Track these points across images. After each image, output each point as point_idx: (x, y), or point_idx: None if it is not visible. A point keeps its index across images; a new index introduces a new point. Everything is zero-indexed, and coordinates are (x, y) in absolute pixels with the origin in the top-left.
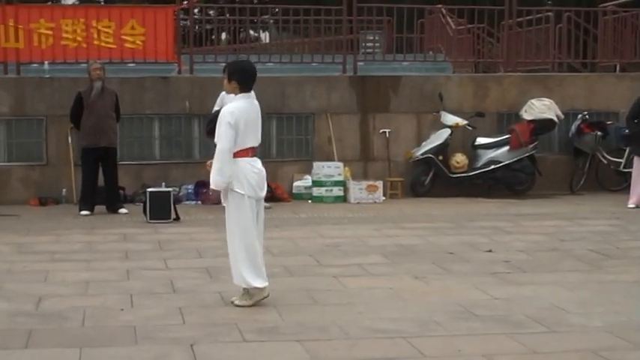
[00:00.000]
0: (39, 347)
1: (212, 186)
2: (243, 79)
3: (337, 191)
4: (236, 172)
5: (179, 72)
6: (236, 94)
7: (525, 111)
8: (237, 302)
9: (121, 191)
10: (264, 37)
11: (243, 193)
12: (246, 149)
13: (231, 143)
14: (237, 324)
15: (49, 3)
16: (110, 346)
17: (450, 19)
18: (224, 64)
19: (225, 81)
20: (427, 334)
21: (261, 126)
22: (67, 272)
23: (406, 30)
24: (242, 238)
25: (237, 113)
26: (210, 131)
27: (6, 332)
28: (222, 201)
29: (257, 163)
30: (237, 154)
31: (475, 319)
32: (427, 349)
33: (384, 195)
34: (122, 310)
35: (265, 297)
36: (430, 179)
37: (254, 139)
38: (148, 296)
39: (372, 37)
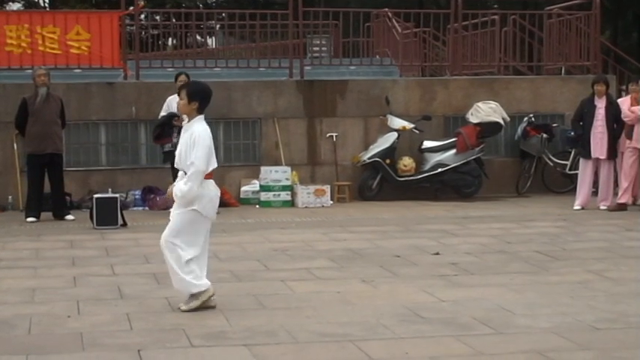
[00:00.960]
0: None
1: (178, 194)
2: (204, 101)
3: (285, 196)
4: (202, 193)
5: (125, 77)
6: (192, 116)
7: (472, 114)
8: (183, 307)
9: (68, 197)
10: (211, 42)
11: (205, 215)
12: (211, 172)
13: (206, 166)
14: (184, 329)
15: None
16: (57, 354)
17: (396, 23)
18: (174, 72)
19: (184, 102)
20: (375, 338)
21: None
22: (13, 279)
23: (353, 34)
24: (187, 251)
25: (210, 136)
26: (158, 137)
27: None
28: (172, 208)
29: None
30: (206, 176)
31: (422, 322)
32: (375, 352)
33: (332, 199)
34: (69, 317)
35: (211, 296)
36: (378, 183)
37: (214, 162)
38: (95, 303)
39: (318, 42)
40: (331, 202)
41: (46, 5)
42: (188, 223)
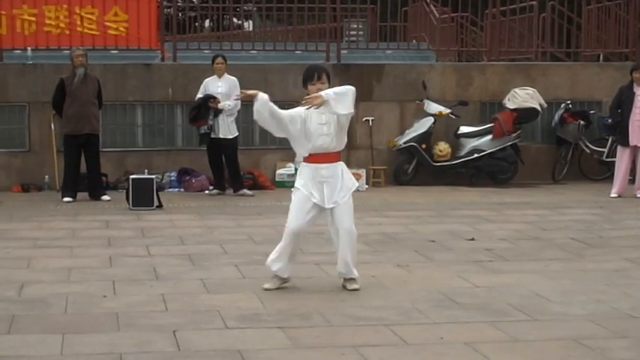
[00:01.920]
0: (21, 333)
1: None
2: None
3: None
4: None
5: (162, 59)
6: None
7: (508, 100)
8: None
9: (104, 178)
10: (248, 25)
11: None
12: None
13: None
14: (219, 311)
15: None
16: (93, 333)
17: (433, 8)
18: (211, 55)
19: (326, 85)
20: (409, 322)
21: (245, 114)
22: (49, 259)
23: (390, 18)
24: None
25: None
26: (193, 119)
27: None
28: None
29: None
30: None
31: (457, 307)
32: (409, 336)
33: (367, 183)
34: (105, 296)
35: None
36: (413, 168)
37: None
38: (131, 283)
39: (355, 26)
40: (366, 186)
41: None
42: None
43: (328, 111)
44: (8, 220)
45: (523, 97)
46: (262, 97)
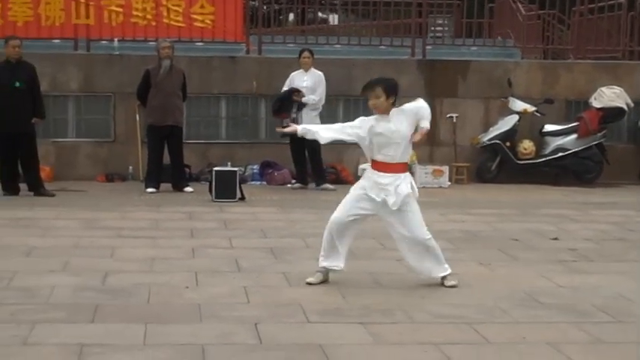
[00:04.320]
0: (105, 322)
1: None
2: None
3: None
4: None
5: (247, 52)
6: (388, 111)
7: (595, 99)
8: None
9: (187, 170)
10: (332, 19)
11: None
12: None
13: None
14: (301, 305)
15: None
16: (175, 324)
17: (520, 5)
18: (295, 48)
19: (382, 99)
20: (491, 321)
21: (329, 108)
22: (133, 249)
23: (475, 15)
24: None
25: None
26: (277, 111)
27: (73, 306)
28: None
29: None
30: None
31: (540, 307)
32: (491, 335)
33: (450, 180)
34: (187, 287)
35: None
36: (497, 165)
37: None
38: (213, 275)
39: (441, 21)
40: (449, 182)
41: None
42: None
43: (400, 122)
44: (93, 209)
45: (610, 96)
46: (302, 132)
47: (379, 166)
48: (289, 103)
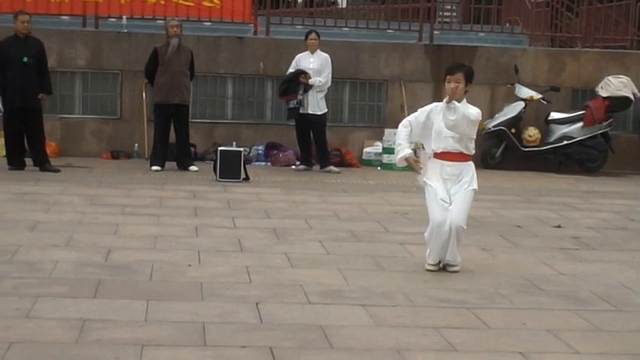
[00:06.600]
0: (107, 298)
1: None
2: None
3: None
4: None
5: (255, 33)
6: (461, 99)
7: (601, 87)
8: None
9: (192, 149)
10: (341, 1)
11: None
12: None
13: None
14: (302, 286)
15: None
16: (177, 301)
17: None
18: (303, 30)
19: (462, 85)
20: (492, 306)
21: (335, 91)
22: (136, 226)
23: (484, 1)
24: None
25: None
26: (283, 92)
27: (75, 281)
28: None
29: None
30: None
31: (541, 294)
32: (492, 321)
33: None
34: (189, 266)
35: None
36: (501, 152)
37: None
38: (216, 254)
39: (449, 7)
40: None
41: None
42: None
43: (456, 113)
44: (97, 186)
45: (616, 85)
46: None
47: (444, 156)
48: (296, 85)
